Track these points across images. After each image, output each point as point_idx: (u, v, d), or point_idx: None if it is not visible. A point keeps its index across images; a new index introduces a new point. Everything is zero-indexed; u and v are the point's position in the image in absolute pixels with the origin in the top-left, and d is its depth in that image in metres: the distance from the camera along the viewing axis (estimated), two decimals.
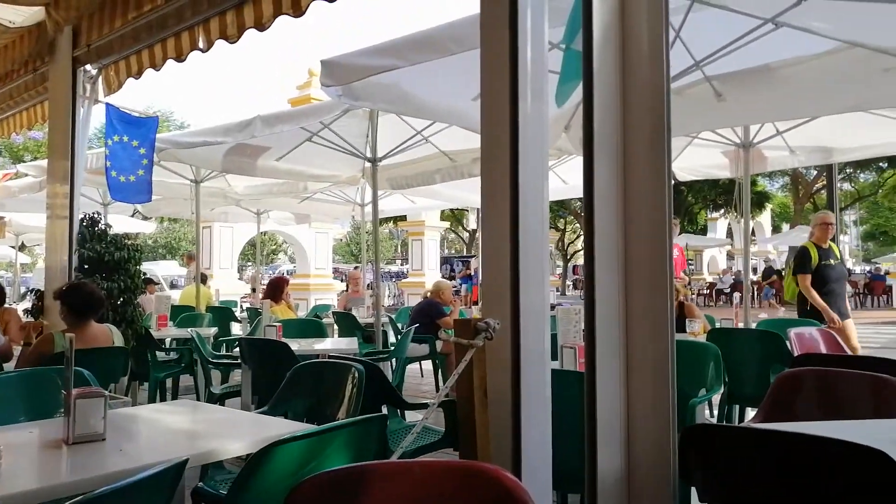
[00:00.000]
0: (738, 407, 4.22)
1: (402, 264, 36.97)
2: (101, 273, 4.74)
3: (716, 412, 4.38)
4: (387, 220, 24.55)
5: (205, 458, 1.75)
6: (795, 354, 3.66)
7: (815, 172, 22.53)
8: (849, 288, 7.94)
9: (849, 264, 34.31)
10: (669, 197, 1.90)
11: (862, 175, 27.18)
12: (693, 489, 1.69)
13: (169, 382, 5.74)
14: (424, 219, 16.42)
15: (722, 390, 3.82)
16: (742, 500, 1.43)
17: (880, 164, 22.94)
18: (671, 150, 1.89)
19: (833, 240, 5.73)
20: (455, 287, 19.56)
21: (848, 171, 24.80)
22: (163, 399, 5.35)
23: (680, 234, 24.84)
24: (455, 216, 26.44)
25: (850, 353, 4.41)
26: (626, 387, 1.98)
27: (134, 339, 4.89)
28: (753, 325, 5.36)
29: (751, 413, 4.12)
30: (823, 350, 3.89)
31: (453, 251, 38.10)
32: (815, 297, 5.34)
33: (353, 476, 1.23)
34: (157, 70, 4.46)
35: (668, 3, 1.89)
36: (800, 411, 2.20)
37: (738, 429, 2.02)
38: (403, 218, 17.10)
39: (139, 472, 1.34)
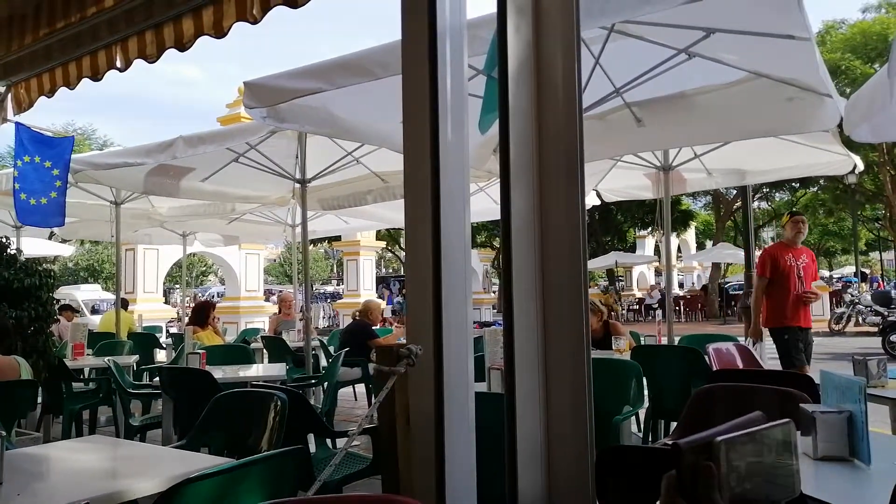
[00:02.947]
0: (663, 422, 4.34)
1: (337, 285, 36.53)
2: (9, 301, 4.47)
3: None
4: (321, 240, 24.23)
5: (109, 500, 1.66)
6: (714, 369, 3.82)
7: (735, 192, 23.66)
8: None
9: None
10: (583, 221, 1.95)
11: (777, 194, 28.72)
12: None
13: (87, 415, 5.45)
14: (359, 239, 16.31)
15: (645, 406, 3.92)
16: None
17: (793, 184, 24.29)
18: (584, 177, 1.95)
19: None
20: (392, 307, 19.45)
21: (764, 190, 26.16)
22: (79, 433, 5.07)
23: (609, 251, 25.59)
24: (391, 235, 26.38)
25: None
26: (546, 407, 2.00)
27: (46, 370, 4.63)
28: (677, 341, 5.55)
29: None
30: (740, 365, 4.07)
31: (391, 270, 37.93)
32: None
33: None
34: (72, 89, 4.27)
35: (580, 38, 1.96)
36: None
37: (644, 449, 2.08)
38: (338, 238, 16.94)
39: None
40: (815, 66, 3.40)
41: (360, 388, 7.00)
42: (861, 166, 5.57)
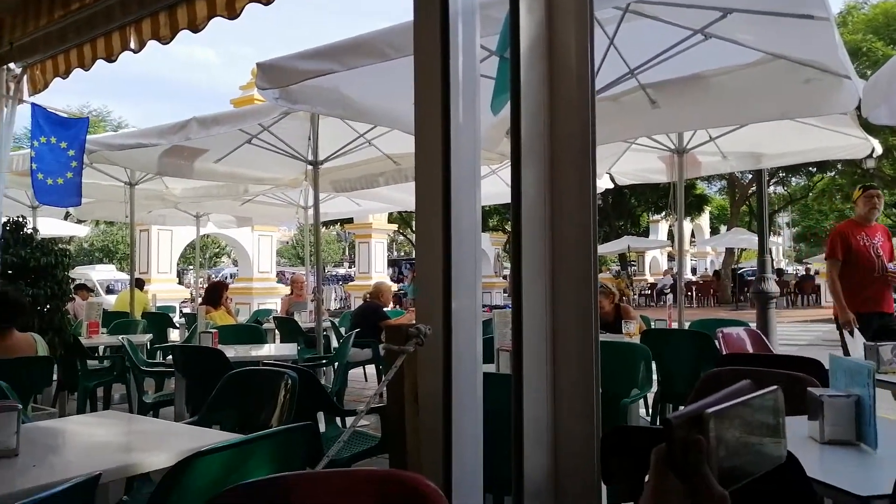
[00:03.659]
0: (671, 406, 4.35)
1: (349, 267, 36.67)
2: (26, 279, 4.54)
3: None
4: (333, 222, 24.28)
5: (122, 473, 1.69)
6: (723, 353, 3.81)
7: (750, 176, 23.38)
8: (775, 288, 8.15)
9: (782, 264, 35.86)
10: (594, 203, 1.95)
11: (794, 179, 28.35)
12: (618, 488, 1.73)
13: (101, 392, 5.55)
14: (371, 221, 16.34)
15: (654, 389, 3.93)
16: None
17: (810, 168, 23.96)
18: (596, 159, 1.94)
19: None
20: (402, 291, 19.50)
21: (780, 174, 25.84)
22: (93, 409, 5.16)
23: (622, 236, 25.44)
24: (403, 218, 26.39)
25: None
26: (553, 388, 2.01)
27: (62, 347, 4.71)
28: (687, 325, 5.53)
29: None
30: (750, 349, 4.06)
31: (402, 253, 37.98)
32: None
33: (271, 486, 1.21)
34: (87, 70, 4.30)
35: (594, 18, 1.94)
36: None
37: (646, 429, 2.09)
38: (350, 220, 16.99)
39: (50, 489, 1.29)
40: (835, 47, 3.34)
41: (371, 368, 7.06)
42: (879, 150, 5.48)
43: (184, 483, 1.46)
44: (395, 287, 16.78)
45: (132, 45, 3.93)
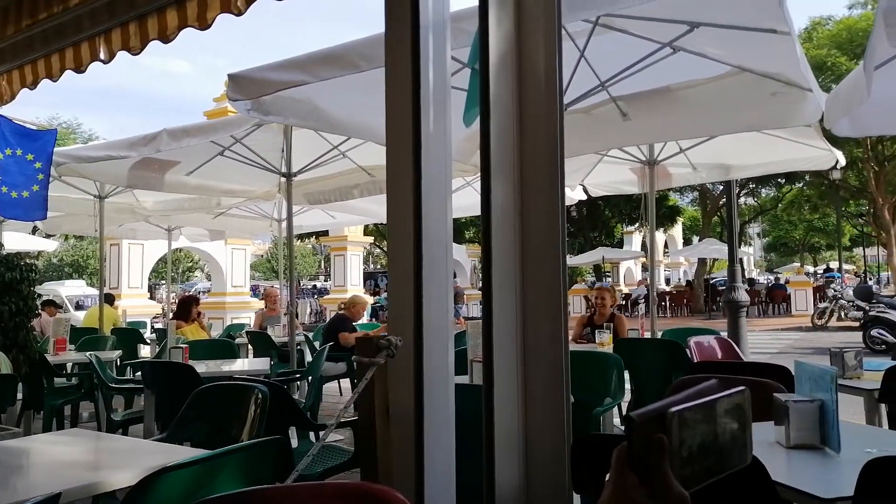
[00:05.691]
0: None
1: (325, 280, 36.41)
2: None
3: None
4: (308, 235, 24.14)
5: (86, 492, 1.65)
6: (694, 362, 3.85)
7: (721, 187, 23.75)
8: (745, 297, 8.29)
9: (753, 274, 36.44)
10: (562, 214, 1.96)
11: (763, 190, 28.88)
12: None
13: (68, 410, 5.42)
14: (347, 234, 16.27)
15: (627, 398, 3.95)
16: None
17: (779, 179, 24.42)
18: (564, 169, 1.96)
19: None
20: (379, 304, 19.42)
21: (751, 186, 26.30)
22: (60, 428, 5.04)
23: (596, 247, 25.67)
24: (379, 230, 26.32)
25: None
26: (524, 397, 2.02)
27: (26, 365, 4.59)
28: (660, 335, 5.58)
29: None
30: (720, 357, 4.11)
31: (379, 266, 37.83)
32: None
33: (238, 501, 1.19)
34: (55, 81, 4.22)
35: (561, 31, 1.96)
36: None
37: (617, 437, 2.10)
38: (325, 233, 16.90)
39: None
40: (797, 61, 3.43)
41: (346, 383, 6.99)
42: (843, 161, 5.62)
43: (149, 500, 1.43)
44: (371, 300, 16.70)
45: (102, 56, 3.87)
